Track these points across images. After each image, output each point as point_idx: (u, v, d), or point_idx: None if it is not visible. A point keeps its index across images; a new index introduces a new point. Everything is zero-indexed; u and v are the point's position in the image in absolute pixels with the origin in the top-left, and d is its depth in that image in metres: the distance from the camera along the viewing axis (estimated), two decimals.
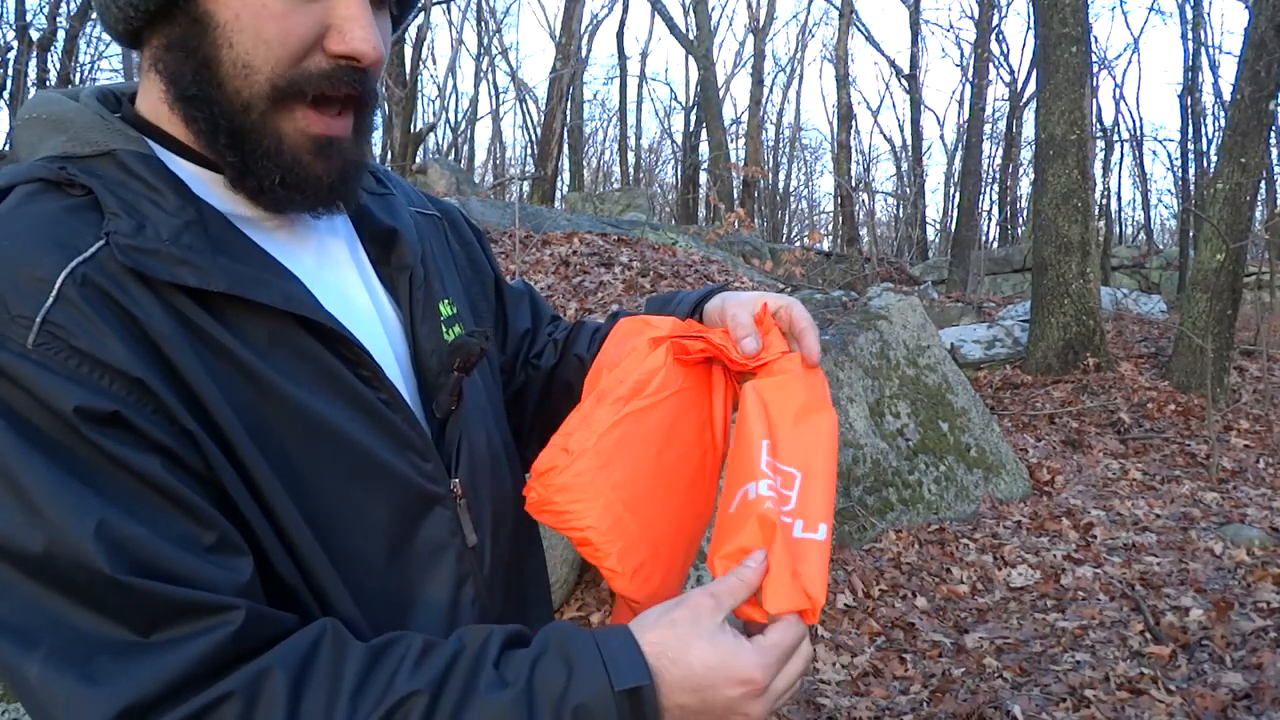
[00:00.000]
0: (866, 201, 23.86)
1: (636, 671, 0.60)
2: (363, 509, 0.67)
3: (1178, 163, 21.73)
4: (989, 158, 26.19)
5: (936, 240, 29.58)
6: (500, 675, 0.59)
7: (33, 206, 0.60)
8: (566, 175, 24.29)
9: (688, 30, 19.75)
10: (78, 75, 14.98)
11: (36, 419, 0.54)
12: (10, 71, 13.34)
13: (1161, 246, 20.85)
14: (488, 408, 0.84)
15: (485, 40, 25.20)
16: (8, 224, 0.59)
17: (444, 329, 0.77)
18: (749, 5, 23.54)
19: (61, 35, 14.45)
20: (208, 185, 0.66)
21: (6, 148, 12.18)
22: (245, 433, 0.60)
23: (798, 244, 19.50)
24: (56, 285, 0.56)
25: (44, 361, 0.54)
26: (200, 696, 0.53)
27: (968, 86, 23.03)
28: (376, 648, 0.60)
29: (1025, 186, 26.21)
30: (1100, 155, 19.91)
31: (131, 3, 0.62)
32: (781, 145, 32.00)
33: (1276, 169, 15.83)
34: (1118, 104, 32.85)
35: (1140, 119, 45.73)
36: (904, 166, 29.08)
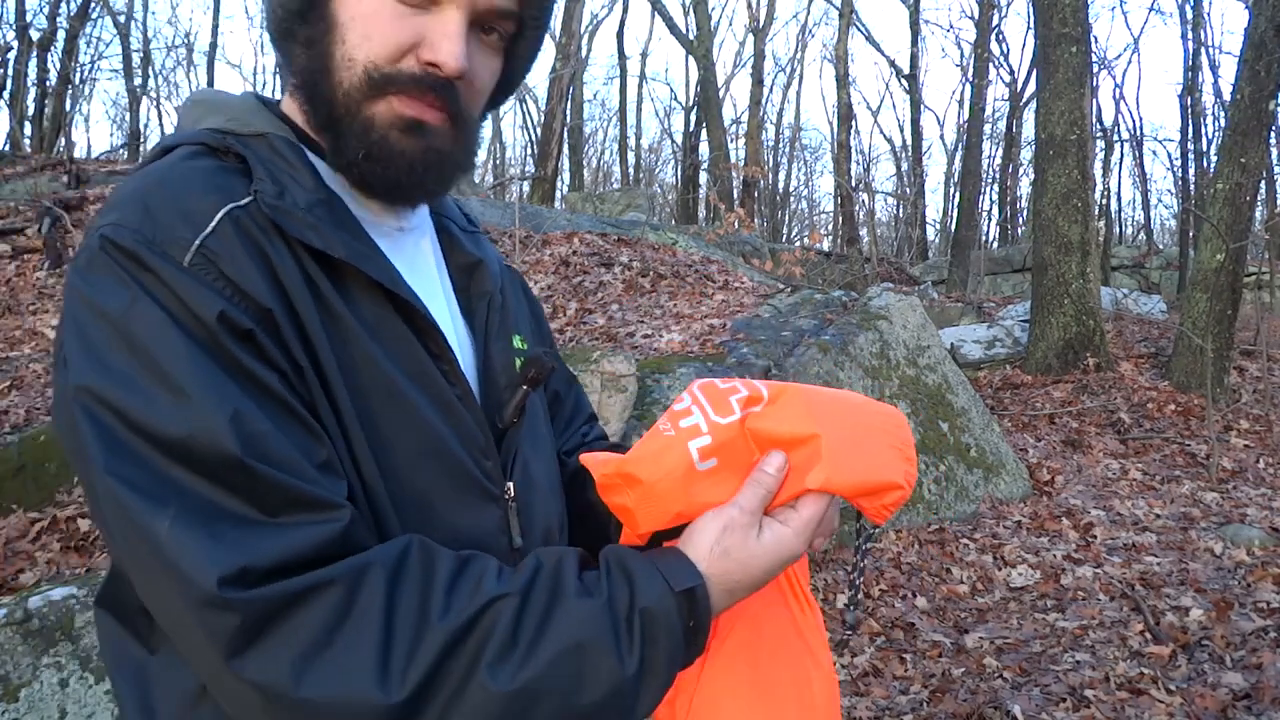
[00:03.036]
0: (866, 201, 23.82)
1: (690, 575, 0.67)
2: (430, 484, 0.72)
3: (1178, 163, 21.73)
4: (989, 158, 26.20)
5: (936, 240, 29.57)
6: (584, 585, 0.65)
7: (195, 162, 0.70)
8: (566, 175, 24.29)
9: (688, 30, 19.75)
10: (77, 75, 14.95)
11: (186, 320, 0.61)
12: (10, 71, 13.32)
13: (1161, 246, 20.83)
14: (546, 441, 0.88)
15: None
16: (176, 168, 0.69)
17: (515, 353, 0.83)
18: (749, 5, 23.54)
19: (61, 35, 14.43)
20: (335, 180, 0.75)
21: (6, 147, 12.17)
22: (343, 384, 0.67)
23: (798, 244, 19.49)
24: (215, 219, 0.65)
25: (197, 276, 0.63)
26: (307, 577, 0.58)
27: (968, 86, 23.03)
28: (464, 556, 0.66)
29: (1025, 186, 26.20)
30: (1100, 155, 19.90)
31: (283, 5, 0.71)
32: (781, 145, 32.01)
33: (1276, 169, 15.80)
34: (1118, 104, 32.86)
35: (1140, 119, 45.74)
36: (904, 166, 29.08)
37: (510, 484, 0.78)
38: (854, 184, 21.74)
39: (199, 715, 0.66)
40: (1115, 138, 22.32)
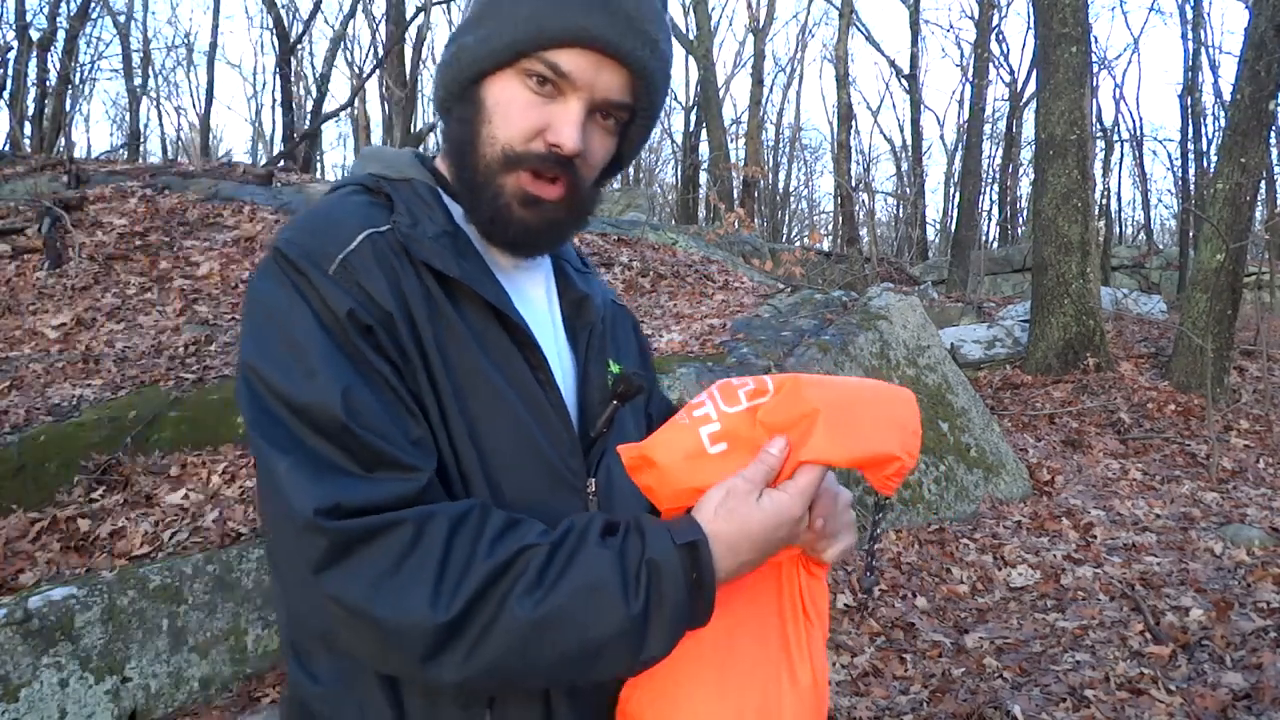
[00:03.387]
0: (866, 201, 23.80)
1: (693, 531, 0.78)
2: (519, 472, 0.86)
3: (1178, 163, 21.73)
4: (989, 158, 26.19)
5: (936, 240, 29.57)
6: (603, 541, 0.77)
7: (353, 198, 0.90)
8: None
9: (688, 30, 19.74)
10: (77, 75, 14.94)
11: (323, 314, 0.79)
12: (10, 71, 13.32)
13: (1161, 246, 20.82)
14: None
15: None
16: (338, 203, 0.89)
17: (609, 374, 0.97)
18: (749, 5, 23.54)
19: (61, 35, 14.43)
20: (469, 223, 0.92)
21: (6, 147, 12.17)
22: (448, 379, 0.83)
23: (798, 244, 19.48)
24: (357, 240, 0.83)
25: (337, 282, 0.80)
26: (385, 517, 0.74)
27: (968, 86, 23.03)
28: (515, 517, 0.80)
29: (1025, 186, 26.21)
30: (1100, 155, 19.90)
31: (446, 87, 0.90)
32: (781, 145, 32.01)
33: (1276, 169, 15.80)
34: (1118, 104, 33.02)
35: (1140, 119, 45.77)
36: (904, 166, 29.08)
37: (592, 480, 0.91)
38: (854, 184, 21.74)
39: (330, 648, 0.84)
40: (1115, 138, 22.35)
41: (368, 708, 0.81)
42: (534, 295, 0.96)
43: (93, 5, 15.66)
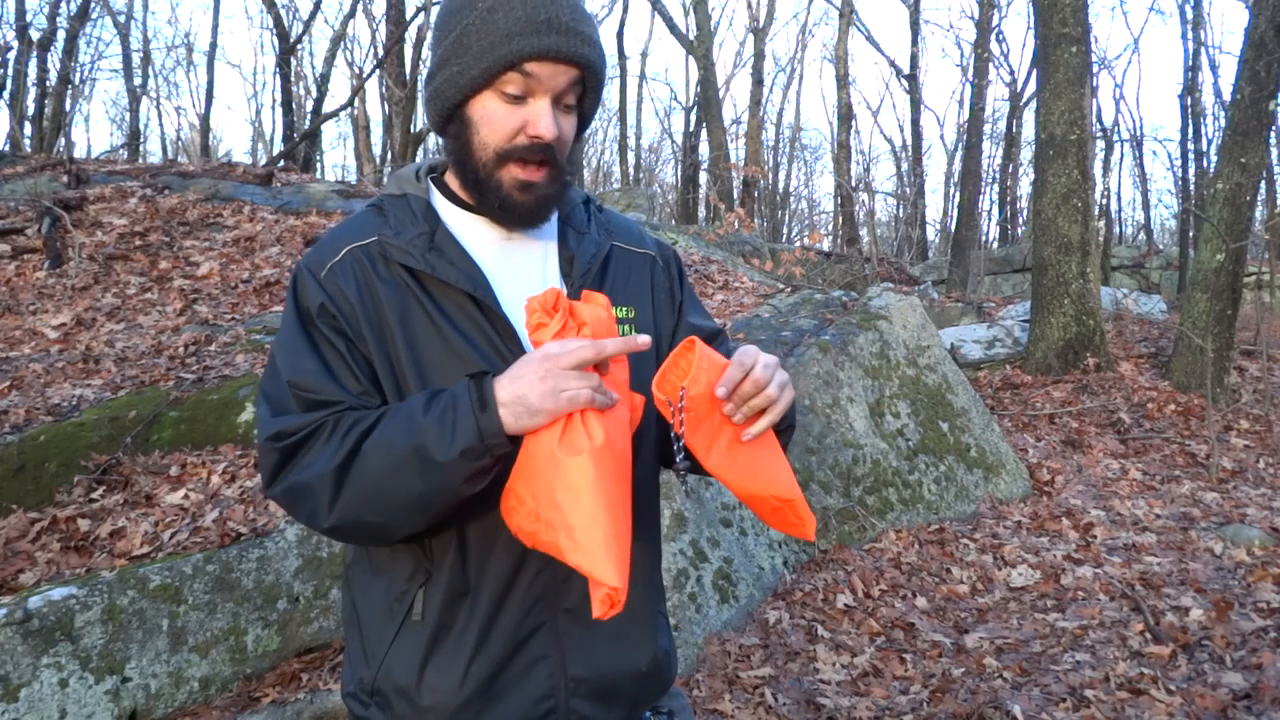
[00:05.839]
0: (866, 201, 23.78)
1: (484, 374, 1.00)
2: None
3: (1178, 163, 21.73)
4: (989, 158, 26.18)
5: (936, 240, 29.55)
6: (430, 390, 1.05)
7: (363, 216, 1.18)
8: None
9: (688, 30, 19.73)
10: (77, 75, 14.93)
11: (305, 306, 1.11)
12: (10, 71, 13.32)
13: (1161, 246, 20.81)
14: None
15: None
16: (351, 219, 1.19)
17: None
18: (749, 5, 23.54)
19: (61, 35, 14.43)
20: (456, 216, 1.17)
21: (6, 147, 12.16)
22: (406, 346, 1.09)
23: (798, 244, 19.47)
24: (342, 253, 1.12)
25: (321, 285, 1.10)
26: (313, 426, 1.04)
27: (968, 86, 23.03)
28: (384, 411, 1.07)
29: (1025, 186, 26.20)
30: (1100, 155, 19.90)
31: (438, 113, 1.13)
32: (781, 145, 31.99)
33: (1276, 169, 15.80)
34: (1118, 104, 33.03)
35: (1140, 119, 45.79)
36: (904, 166, 29.06)
37: None
38: (854, 184, 21.74)
39: (359, 558, 1.20)
40: (1115, 138, 22.34)
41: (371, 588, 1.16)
42: (528, 257, 1.19)
43: (93, 5, 15.66)
